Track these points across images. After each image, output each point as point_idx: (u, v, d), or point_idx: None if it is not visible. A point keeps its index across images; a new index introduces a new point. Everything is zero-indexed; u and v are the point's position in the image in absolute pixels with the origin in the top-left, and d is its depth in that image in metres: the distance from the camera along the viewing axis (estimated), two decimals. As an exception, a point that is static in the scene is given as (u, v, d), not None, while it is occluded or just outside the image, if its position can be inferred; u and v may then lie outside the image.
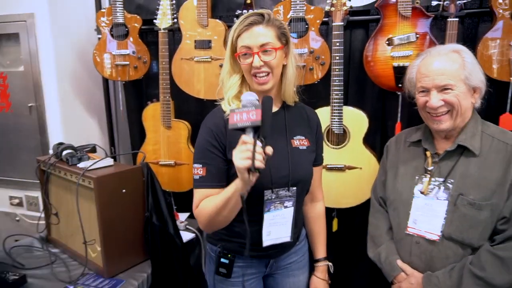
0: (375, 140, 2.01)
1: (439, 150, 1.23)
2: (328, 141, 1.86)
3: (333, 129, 1.82)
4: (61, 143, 1.75)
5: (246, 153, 0.92)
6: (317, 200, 1.44)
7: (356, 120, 1.82)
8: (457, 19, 1.64)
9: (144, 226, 1.69)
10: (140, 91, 2.38)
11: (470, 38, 1.82)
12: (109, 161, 1.66)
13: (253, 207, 1.18)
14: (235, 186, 1.03)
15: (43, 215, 1.80)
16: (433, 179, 1.21)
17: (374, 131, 1.97)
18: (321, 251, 1.42)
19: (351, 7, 1.76)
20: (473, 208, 1.12)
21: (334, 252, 1.65)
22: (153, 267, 1.66)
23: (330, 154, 1.85)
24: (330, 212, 1.91)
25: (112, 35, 2.13)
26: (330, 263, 1.42)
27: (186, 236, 2.02)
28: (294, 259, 1.37)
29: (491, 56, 1.66)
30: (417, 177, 1.25)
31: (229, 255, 1.23)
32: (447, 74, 1.13)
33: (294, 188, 1.21)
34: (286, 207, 1.21)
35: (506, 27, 1.63)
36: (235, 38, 1.14)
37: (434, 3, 1.69)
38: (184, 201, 2.31)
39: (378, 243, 1.35)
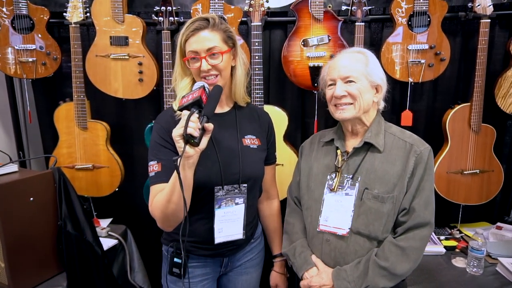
0: (296, 137, 2.09)
1: (349, 148, 1.31)
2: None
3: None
4: (-48, 150, 1.55)
5: (181, 123, 0.98)
6: (272, 198, 1.49)
7: (277, 118, 1.88)
8: (363, 23, 1.78)
9: (57, 236, 1.57)
10: (53, 90, 2.19)
11: (377, 41, 2.00)
12: (13, 167, 1.52)
13: (204, 205, 1.21)
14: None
15: None
16: (342, 176, 1.27)
17: (294, 128, 2.06)
18: (278, 247, 1.47)
19: (269, 8, 1.81)
20: (377, 201, 1.21)
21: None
22: (69, 279, 1.56)
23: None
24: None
25: (14, 28, 1.93)
26: None
27: (108, 243, 1.92)
28: (249, 257, 1.39)
29: (394, 59, 1.84)
30: (328, 175, 1.30)
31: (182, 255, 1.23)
32: (350, 68, 1.24)
33: (245, 185, 1.24)
34: (237, 203, 1.25)
35: (405, 33, 1.81)
36: (183, 43, 1.17)
37: (343, 8, 1.81)
38: (106, 206, 2.19)
39: (294, 240, 1.38)
